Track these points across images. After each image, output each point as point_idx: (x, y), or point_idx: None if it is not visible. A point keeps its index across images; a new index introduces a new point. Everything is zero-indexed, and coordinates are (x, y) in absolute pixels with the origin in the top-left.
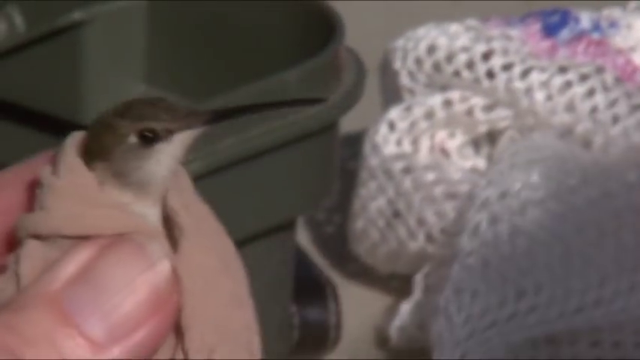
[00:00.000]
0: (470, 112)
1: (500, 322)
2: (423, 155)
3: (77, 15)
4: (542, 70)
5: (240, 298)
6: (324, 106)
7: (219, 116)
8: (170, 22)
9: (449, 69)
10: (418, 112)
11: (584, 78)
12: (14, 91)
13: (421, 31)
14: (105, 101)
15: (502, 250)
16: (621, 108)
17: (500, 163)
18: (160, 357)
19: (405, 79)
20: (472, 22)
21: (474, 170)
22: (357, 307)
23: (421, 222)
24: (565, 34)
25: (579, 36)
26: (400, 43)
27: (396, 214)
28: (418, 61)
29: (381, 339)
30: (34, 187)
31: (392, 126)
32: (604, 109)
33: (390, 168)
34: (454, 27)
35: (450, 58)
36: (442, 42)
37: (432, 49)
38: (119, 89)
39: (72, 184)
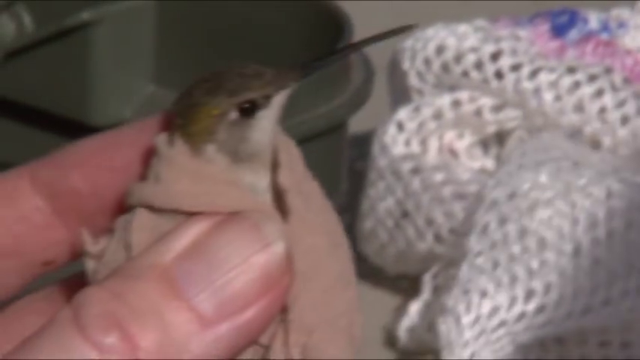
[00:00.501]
0: (478, 112)
1: (509, 322)
2: (432, 156)
3: (86, 15)
4: (551, 70)
5: (346, 279)
6: (332, 106)
7: (310, 68)
8: (179, 21)
9: (457, 69)
10: (427, 112)
11: (592, 78)
12: (23, 91)
13: (430, 32)
14: (114, 101)
15: (511, 250)
16: (630, 108)
17: (509, 163)
18: (263, 338)
19: (413, 80)
20: (481, 22)
21: (482, 170)
22: (366, 307)
23: (430, 222)
24: (573, 34)
25: (588, 36)
26: (409, 43)
27: (405, 215)
28: (427, 62)
29: (390, 339)
30: (148, 152)
31: (400, 126)
32: (613, 110)
33: (398, 168)
34: (463, 27)
35: (458, 58)
36: (451, 42)
37: (440, 50)
38: (128, 89)
39: (188, 159)
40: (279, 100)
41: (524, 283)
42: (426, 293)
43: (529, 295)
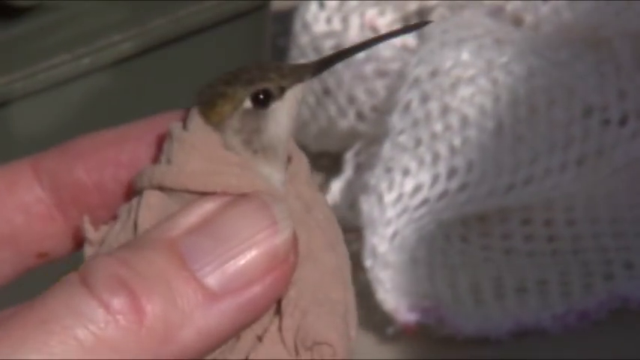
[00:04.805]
0: None
1: (432, 200)
2: (353, 33)
3: None
4: None
5: (341, 277)
6: None
7: (325, 63)
8: None
9: None
10: None
11: None
12: None
13: None
14: None
15: (433, 128)
16: None
17: (431, 41)
18: (258, 328)
19: None
20: None
21: (404, 48)
22: None
23: (351, 100)
24: None
25: None
26: None
27: (326, 92)
28: None
29: None
30: (159, 143)
31: (322, 4)
32: None
33: (320, 46)
34: None
35: None
36: None
37: None
38: None
39: (201, 141)
40: (294, 92)
41: (446, 161)
42: (347, 171)
43: (451, 173)
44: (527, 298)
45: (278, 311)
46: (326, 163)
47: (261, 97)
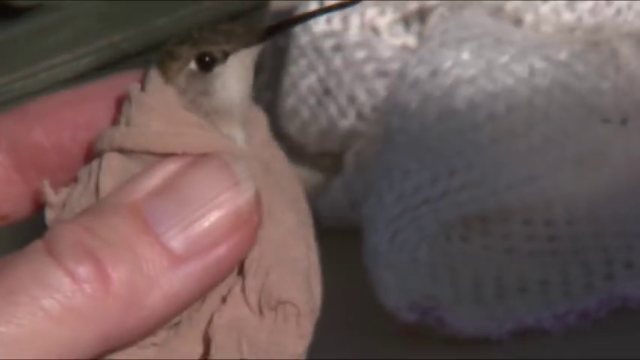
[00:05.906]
0: None
1: (432, 200)
2: (354, 33)
3: None
4: None
5: (303, 235)
6: None
7: (274, 30)
8: None
9: None
10: None
11: None
12: None
13: None
14: None
15: (433, 127)
16: None
17: (431, 41)
18: (222, 289)
19: None
20: None
21: (404, 48)
22: None
23: (352, 100)
24: None
25: None
26: None
27: (327, 92)
28: None
29: (313, 218)
30: (117, 104)
31: (322, 3)
32: None
33: (320, 46)
34: None
35: None
36: None
37: None
38: None
39: (161, 102)
40: (239, 57)
41: (446, 161)
42: (347, 171)
43: (452, 172)
44: (527, 297)
45: (241, 272)
46: (326, 163)
47: (207, 59)
